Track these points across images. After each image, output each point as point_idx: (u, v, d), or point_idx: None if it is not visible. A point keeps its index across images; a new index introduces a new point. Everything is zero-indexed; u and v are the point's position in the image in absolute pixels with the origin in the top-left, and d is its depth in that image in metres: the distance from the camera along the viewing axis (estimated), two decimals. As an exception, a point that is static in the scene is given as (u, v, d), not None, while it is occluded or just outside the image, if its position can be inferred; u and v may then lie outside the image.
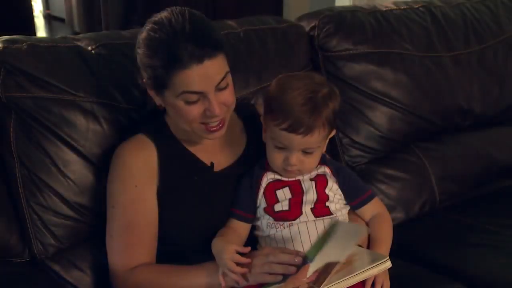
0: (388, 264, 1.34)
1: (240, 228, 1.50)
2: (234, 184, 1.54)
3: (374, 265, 1.32)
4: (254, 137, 1.59)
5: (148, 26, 1.40)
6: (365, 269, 1.31)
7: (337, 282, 1.27)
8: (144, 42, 1.39)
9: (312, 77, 1.47)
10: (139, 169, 1.49)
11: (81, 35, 1.78)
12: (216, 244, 1.41)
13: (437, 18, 2.23)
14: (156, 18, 1.40)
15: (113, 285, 1.52)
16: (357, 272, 1.30)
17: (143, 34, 1.40)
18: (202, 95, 1.39)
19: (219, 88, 1.40)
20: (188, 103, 1.40)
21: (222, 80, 1.39)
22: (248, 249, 1.37)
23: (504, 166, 2.26)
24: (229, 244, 1.37)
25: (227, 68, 1.42)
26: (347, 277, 1.29)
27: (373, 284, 1.41)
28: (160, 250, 1.52)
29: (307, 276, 1.29)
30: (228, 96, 1.43)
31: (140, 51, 1.41)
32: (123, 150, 1.53)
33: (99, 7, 5.44)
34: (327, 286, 1.27)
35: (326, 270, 1.31)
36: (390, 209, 1.86)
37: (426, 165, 2.11)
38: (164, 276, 1.46)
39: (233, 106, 1.48)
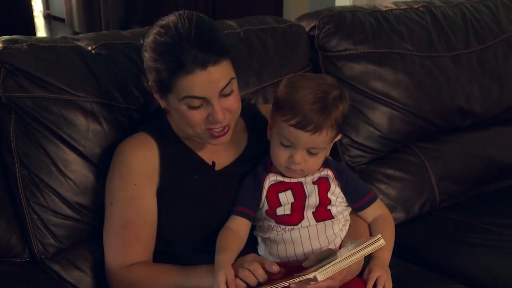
0: (382, 242, 1.31)
1: (241, 227, 1.49)
2: (235, 183, 1.54)
3: (368, 243, 1.30)
4: (256, 136, 1.59)
5: (155, 29, 1.40)
6: (359, 248, 1.29)
7: (332, 264, 1.25)
8: (150, 46, 1.40)
9: (324, 78, 1.48)
10: (139, 167, 1.49)
11: (81, 35, 1.78)
12: (216, 258, 1.38)
13: (437, 18, 2.23)
14: (164, 22, 1.40)
15: (108, 282, 1.52)
16: (352, 252, 1.28)
17: (150, 37, 1.41)
18: (205, 100, 1.39)
19: (223, 94, 1.40)
20: (191, 108, 1.40)
21: (226, 86, 1.39)
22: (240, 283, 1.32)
23: (504, 166, 2.26)
24: (224, 269, 1.32)
25: (232, 75, 1.42)
26: (342, 258, 1.26)
27: (375, 285, 1.41)
28: (160, 249, 1.52)
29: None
30: (233, 102, 1.43)
31: (146, 54, 1.41)
32: (124, 147, 1.53)
33: (99, 7, 5.44)
34: (322, 270, 1.24)
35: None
36: (390, 209, 1.86)
37: (426, 165, 2.11)
38: (159, 275, 1.46)
39: (238, 112, 1.48)
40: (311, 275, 1.25)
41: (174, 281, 1.44)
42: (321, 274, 1.24)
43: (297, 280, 1.26)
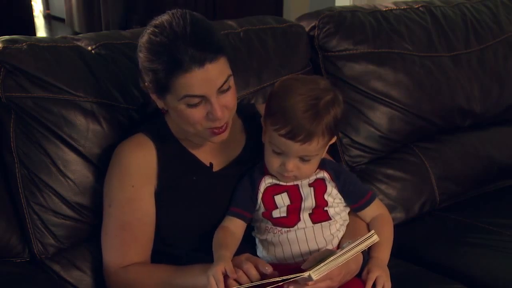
0: (375, 238, 1.31)
1: (237, 227, 1.49)
2: (233, 184, 1.53)
3: (361, 240, 1.30)
4: (253, 137, 1.59)
5: (149, 29, 1.40)
6: (352, 245, 1.29)
7: (327, 262, 1.25)
8: (145, 46, 1.39)
9: (317, 82, 1.44)
10: (137, 169, 1.49)
11: (81, 35, 1.78)
12: (216, 254, 1.37)
13: (437, 18, 2.23)
14: (157, 22, 1.39)
15: (106, 281, 1.53)
16: (346, 250, 1.27)
17: (144, 37, 1.40)
18: (204, 98, 1.38)
19: (221, 91, 1.40)
20: (190, 106, 1.39)
21: (224, 83, 1.39)
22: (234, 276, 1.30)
23: (504, 166, 2.26)
24: (224, 262, 1.30)
25: (229, 72, 1.41)
26: (336, 255, 1.26)
27: (374, 285, 1.41)
28: (159, 249, 1.52)
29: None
30: (230, 99, 1.43)
31: (141, 55, 1.40)
32: (122, 149, 1.53)
33: (99, 7, 5.44)
34: (316, 268, 1.24)
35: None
36: (390, 209, 1.86)
37: (426, 165, 2.11)
38: (155, 276, 1.46)
39: (235, 108, 1.48)
40: (305, 274, 1.24)
41: (170, 281, 1.44)
42: (315, 273, 1.23)
43: (291, 278, 1.26)
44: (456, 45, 2.22)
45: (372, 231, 1.32)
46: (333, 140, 1.46)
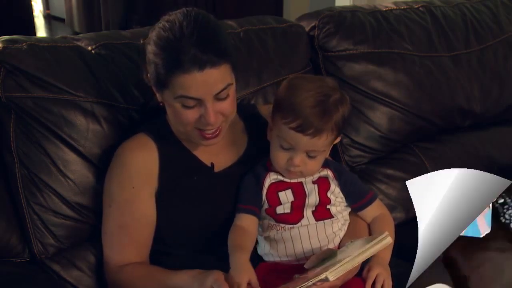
0: (389, 240, 1.31)
1: (249, 224, 1.48)
2: (235, 184, 1.53)
3: (376, 241, 1.30)
4: (255, 137, 1.59)
5: (161, 23, 1.41)
6: (367, 246, 1.29)
7: (343, 263, 1.25)
8: (153, 39, 1.40)
9: (325, 80, 1.47)
10: (138, 170, 1.50)
11: (81, 35, 1.79)
12: (233, 259, 1.37)
13: (437, 18, 2.22)
14: (171, 17, 1.40)
15: (105, 276, 1.54)
16: (361, 251, 1.28)
17: (155, 30, 1.41)
18: (199, 101, 1.39)
19: (218, 98, 1.40)
20: (185, 107, 1.40)
21: (221, 91, 1.39)
22: None
23: (504, 166, 2.26)
24: (247, 272, 1.32)
25: (229, 80, 1.41)
26: (352, 257, 1.26)
27: (373, 284, 1.41)
28: (159, 250, 1.52)
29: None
30: (227, 106, 1.42)
31: (149, 47, 1.41)
32: (124, 149, 1.53)
33: (99, 7, 5.44)
34: (333, 270, 1.24)
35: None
36: (390, 209, 1.86)
37: (426, 165, 2.11)
38: (145, 280, 1.46)
39: (232, 116, 1.47)
40: (322, 276, 1.25)
41: (162, 285, 1.44)
42: (332, 274, 1.25)
43: (310, 283, 1.26)
44: (456, 45, 2.22)
45: (386, 233, 1.32)
46: (338, 139, 1.48)
